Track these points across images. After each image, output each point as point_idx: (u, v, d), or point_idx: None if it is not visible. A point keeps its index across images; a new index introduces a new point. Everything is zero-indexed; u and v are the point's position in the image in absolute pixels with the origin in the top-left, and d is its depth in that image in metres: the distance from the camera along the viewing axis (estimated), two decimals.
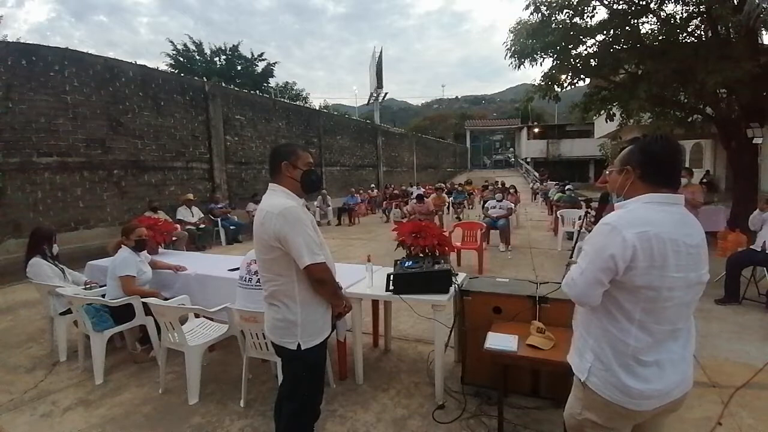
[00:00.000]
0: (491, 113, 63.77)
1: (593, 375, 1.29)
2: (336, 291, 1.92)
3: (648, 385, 1.23)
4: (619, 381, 1.25)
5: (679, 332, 1.28)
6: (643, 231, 1.19)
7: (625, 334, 1.25)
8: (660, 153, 1.27)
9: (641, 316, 1.23)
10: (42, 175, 6.92)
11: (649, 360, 1.24)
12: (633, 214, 1.25)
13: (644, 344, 1.23)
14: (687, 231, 1.23)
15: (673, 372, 1.26)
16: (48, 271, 3.52)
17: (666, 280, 1.20)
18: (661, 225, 1.20)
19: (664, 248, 1.18)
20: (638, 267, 1.19)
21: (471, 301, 2.74)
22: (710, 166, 16.47)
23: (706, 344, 3.39)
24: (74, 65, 7.29)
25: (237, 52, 23.40)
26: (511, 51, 7.79)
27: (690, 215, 1.29)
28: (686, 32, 7.24)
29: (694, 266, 1.24)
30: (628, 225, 1.21)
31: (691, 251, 1.23)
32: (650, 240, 1.18)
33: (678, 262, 1.20)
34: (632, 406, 1.25)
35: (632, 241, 1.18)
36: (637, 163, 1.29)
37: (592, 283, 1.26)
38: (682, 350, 1.28)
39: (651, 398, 1.25)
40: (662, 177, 1.26)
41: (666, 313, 1.23)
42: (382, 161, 20.30)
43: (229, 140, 10.67)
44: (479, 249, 6.11)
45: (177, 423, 2.54)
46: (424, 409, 2.58)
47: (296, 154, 1.87)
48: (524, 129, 36.08)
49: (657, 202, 1.24)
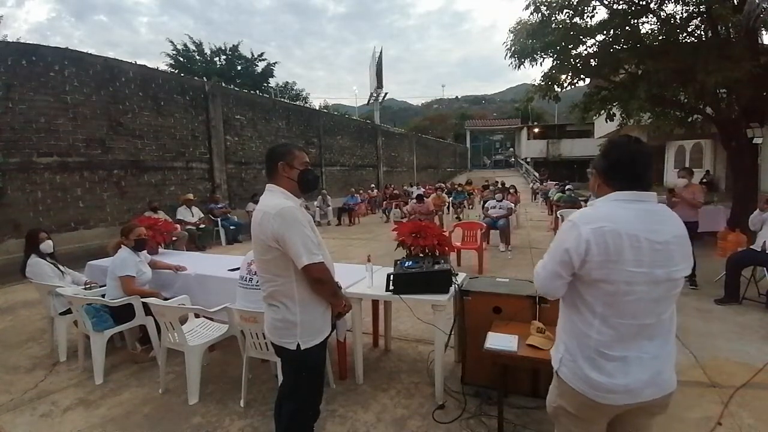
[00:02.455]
0: (491, 113, 63.71)
1: (564, 365, 1.36)
2: (335, 291, 1.92)
3: (611, 379, 1.26)
4: (583, 373, 1.30)
5: (651, 330, 1.28)
6: (599, 226, 1.24)
7: (588, 327, 1.30)
8: (618, 156, 1.34)
9: (603, 310, 1.27)
10: (42, 175, 6.93)
11: (615, 355, 1.27)
12: (595, 211, 1.32)
13: (607, 338, 1.27)
14: (653, 227, 1.25)
15: (640, 370, 1.27)
16: (48, 271, 3.53)
17: (623, 274, 1.22)
18: (620, 221, 1.24)
19: (621, 243, 1.22)
20: (593, 261, 1.24)
21: (471, 301, 2.74)
22: (710, 166, 16.46)
23: (706, 344, 3.39)
24: (74, 65, 7.29)
25: (237, 52, 23.42)
26: (511, 51, 7.78)
27: (663, 213, 1.31)
28: (686, 32, 7.24)
29: (661, 262, 1.24)
30: (586, 221, 1.27)
31: (657, 247, 1.24)
32: (605, 235, 1.23)
33: (637, 257, 1.22)
34: (597, 398, 1.28)
35: (586, 236, 1.24)
36: (600, 166, 1.38)
37: (552, 276, 1.34)
38: (658, 350, 1.29)
39: (615, 393, 1.27)
40: (623, 178, 1.32)
41: (628, 307, 1.25)
42: (382, 161, 20.30)
43: (229, 140, 10.67)
44: (479, 249, 6.11)
45: (177, 423, 2.54)
46: (424, 409, 2.58)
47: (292, 154, 1.87)
48: (524, 129, 36.06)
49: (622, 199, 1.29)
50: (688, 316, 4.02)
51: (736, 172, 8.09)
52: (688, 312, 4.11)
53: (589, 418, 1.36)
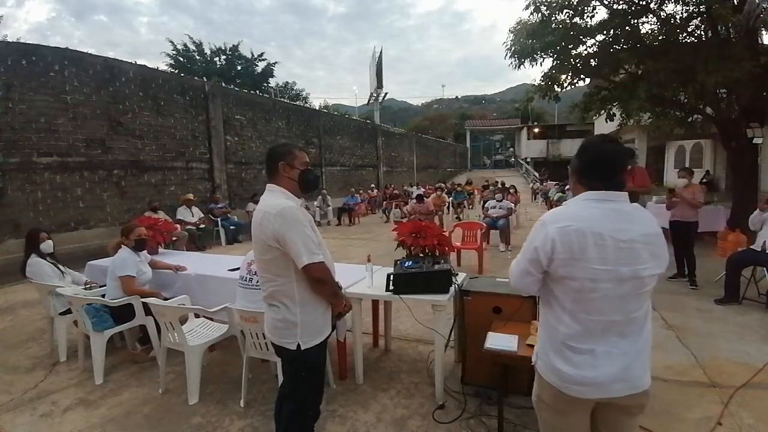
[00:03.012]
0: (491, 113, 63.69)
1: (539, 359, 1.43)
2: (335, 291, 1.92)
3: (579, 371, 1.30)
4: (553, 364, 1.35)
5: (621, 327, 1.30)
6: (564, 225, 1.28)
7: (558, 321, 1.35)
8: (590, 156, 1.37)
9: (572, 306, 1.32)
10: (42, 175, 6.93)
11: (583, 348, 1.30)
12: (564, 210, 1.37)
13: (574, 332, 1.31)
14: (619, 226, 1.27)
15: (608, 364, 1.28)
16: (48, 271, 3.53)
17: (588, 272, 1.26)
18: (586, 220, 1.28)
19: (585, 241, 1.25)
20: (559, 258, 1.29)
21: (471, 301, 2.75)
22: (710, 166, 16.46)
23: (706, 344, 3.39)
24: (74, 65, 7.29)
25: (237, 52, 23.40)
26: (511, 51, 7.78)
27: (632, 212, 1.32)
28: (686, 32, 7.24)
29: (626, 260, 1.26)
30: (553, 220, 1.32)
31: (622, 245, 1.26)
32: (570, 234, 1.27)
33: (601, 255, 1.25)
34: (567, 390, 1.32)
35: (552, 235, 1.29)
36: (574, 166, 1.42)
37: (522, 273, 1.40)
38: (628, 347, 1.30)
39: (583, 385, 1.30)
40: (595, 177, 1.34)
41: (595, 304, 1.28)
42: (382, 161, 20.29)
43: (229, 140, 10.67)
44: (479, 249, 6.11)
45: (177, 423, 2.54)
46: (424, 409, 2.58)
47: (293, 154, 1.87)
48: (524, 129, 36.05)
49: (591, 199, 1.33)
50: (688, 316, 4.02)
51: (736, 172, 8.09)
52: (688, 312, 4.11)
53: (564, 411, 1.39)
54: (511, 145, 43.16)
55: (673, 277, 5.23)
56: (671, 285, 5.05)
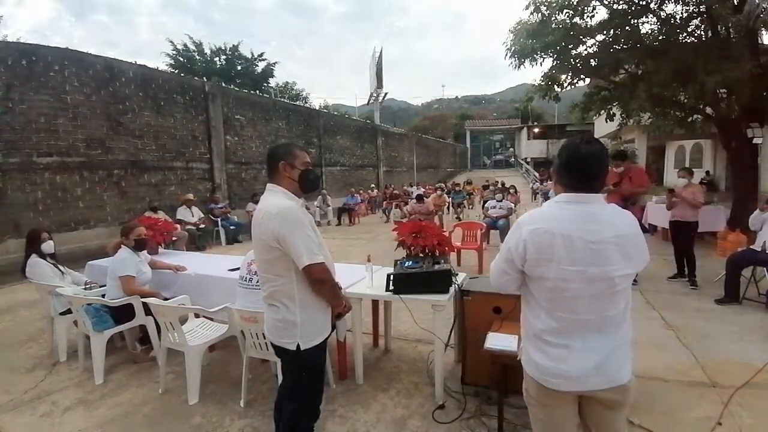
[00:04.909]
0: (491, 113, 63.64)
1: (522, 353, 1.48)
2: (335, 291, 1.92)
3: (554, 364, 1.33)
4: (530, 357, 1.41)
5: (597, 325, 1.32)
6: (535, 227, 1.32)
7: (535, 317, 1.40)
8: (567, 158, 1.38)
9: (547, 304, 1.36)
10: (42, 175, 6.92)
11: (558, 342, 1.34)
12: (539, 212, 1.41)
13: (549, 327, 1.35)
14: (589, 228, 1.29)
15: (584, 358, 1.31)
16: (48, 271, 3.53)
17: (558, 272, 1.29)
18: (556, 221, 1.31)
19: (554, 242, 1.29)
20: (531, 259, 1.33)
21: (471, 301, 2.74)
22: (710, 166, 16.47)
23: (706, 344, 3.39)
24: (74, 65, 7.28)
25: (237, 52, 23.39)
26: (511, 51, 7.79)
27: (605, 214, 1.33)
28: (686, 32, 7.25)
29: (596, 261, 1.28)
30: (527, 222, 1.36)
31: (592, 246, 1.28)
32: (540, 235, 1.31)
33: (571, 256, 1.28)
34: (544, 383, 1.36)
35: (524, 236, 1.33)
36: (554, 168, 1.46)
37: (499, 272, 1.46)
38: (604, 343, 1.32)
39: (559, 378, 1.33)
40: (570, 179, 1.37)
41: (567, 303, 1.32)
42: (382, 161, 20.29)
43: (229, 140, 10.67)
44: (479, 249, 6.12)
45: (177, 423, 2.54)
46: (424, 409, 2.58)
47: (293, 154, 1.87)
48: (524, 129, 36.09)
49: (564, 201, 1.36)
50: (688, 316, 4.01)
51: (736, 172, 8.10)
52: (688, 312, 4.11)
53: (548, 404, 1.41)
54: (511, 145, 43.19)
55: (673, 277, 5.23)
56: (671, 285, 5.05)
